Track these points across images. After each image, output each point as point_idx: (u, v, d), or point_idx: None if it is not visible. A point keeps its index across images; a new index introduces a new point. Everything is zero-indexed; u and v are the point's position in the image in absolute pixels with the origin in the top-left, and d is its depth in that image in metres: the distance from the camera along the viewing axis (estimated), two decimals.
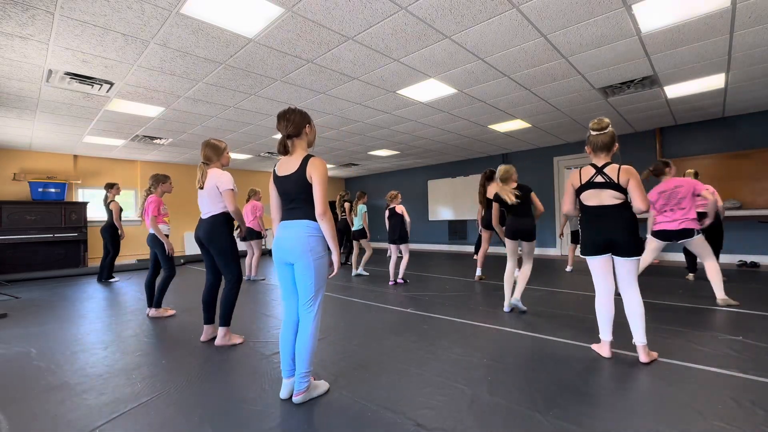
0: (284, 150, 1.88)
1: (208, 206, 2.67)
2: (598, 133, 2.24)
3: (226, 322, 2.65)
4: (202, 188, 2.64)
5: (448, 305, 3.70)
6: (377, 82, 4.12)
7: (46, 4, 2.52)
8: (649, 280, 4.64)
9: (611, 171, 2.22)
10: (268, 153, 7.94)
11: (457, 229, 9.78)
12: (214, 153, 2.71)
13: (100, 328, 3.22)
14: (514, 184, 3.37)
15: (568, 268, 5.74)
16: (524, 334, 2.76)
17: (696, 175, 4.38)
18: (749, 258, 5.91)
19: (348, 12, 2.73)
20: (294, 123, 1.83)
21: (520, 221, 3.31)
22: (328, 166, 9.87)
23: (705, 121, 6.26)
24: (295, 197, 1.82)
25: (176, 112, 4.95)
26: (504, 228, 3.46)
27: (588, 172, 2.30)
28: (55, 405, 1.85)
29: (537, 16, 2.87)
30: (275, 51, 3.31)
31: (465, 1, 2.64)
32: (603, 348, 2.31)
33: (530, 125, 6.18)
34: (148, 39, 3.03)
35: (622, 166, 2.21)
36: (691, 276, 4.72)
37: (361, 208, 5.80)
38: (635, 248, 2.18)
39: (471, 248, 9.28)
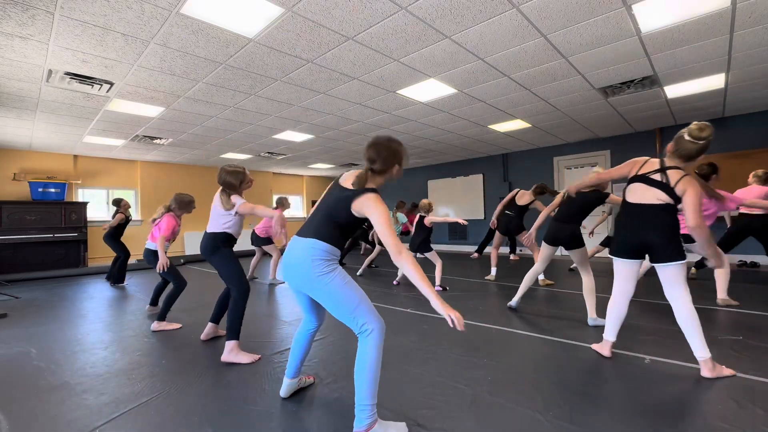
0: (359, 182, 1.56)
1: (212, 223, 2.57)
2: (690, 140, 1.97)
3: (232, 335, 2.42)
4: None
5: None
6: (377, 82, 4.12)
7: (46, 4, 2.52)
8: (652, 279, 4.64)
9: (673, 175, 2.00)
10: (268, 153, 7.94)
11: (457, 229, 9.78)
12: (235, 180, 2.52)
13: (100, 328, 3.22)
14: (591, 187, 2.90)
15: (574, 266, 5.73)
16: (524, 334, 2.76)
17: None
18: (749, 258, 5.91)
19: (348, 12, 2.73)
20: (383, 160, 1.58)
21: (561, 227, 3.03)
22: (328, 166, 9.86)
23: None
24: (323, 211, 1.63)
25: (176, 112, 4.95)
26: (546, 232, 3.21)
27: (651, 166, 2.11)
28: (55, 405, 1.85)
29: (537, 16, 2.87)
30: (275, 51, 3.31)
31: (465, 1, 2.64)
32: (604, 347, 2.30)
33: (530, 125, 6.18)
34: (148, 39, 3.03)
35: (686, 176, 1.98)
36: (693, 270, 4.74)
37: (400, 217, 5.87)
38: (672, 252, 2.00)
39: (471, 248, 9.27)
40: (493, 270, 5.17)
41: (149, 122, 5.38)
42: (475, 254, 7.13)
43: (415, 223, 4.86)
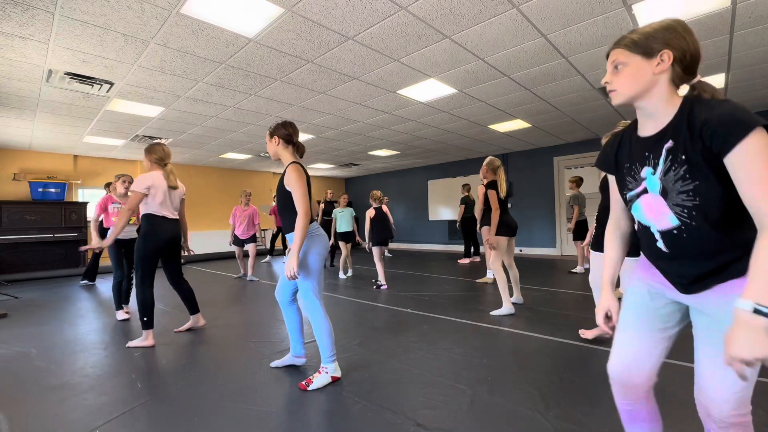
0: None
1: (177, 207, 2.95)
2: None
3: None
4: (176, 188, 2.88)
5: (448, 305, 3.70)
6: (377, 82, 4.12)
7: (46, 4, 2.52)
8: None
9: None
10: (268, 153, 7.93)
11: (457, 229, 9.78)
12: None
13: (100, 328, 3.22)
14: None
15: (580, 269, 5.62)
16: (524, 334, 2.76)
17: None
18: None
19: (348, 12, 2.73)
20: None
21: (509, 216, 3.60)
22: (329, 166, 9.86)
23: None
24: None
25: (176, 112, 4.95)
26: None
27: None
28: (55, 405, 1.85)
29: (537, 16, 2.87)
30: (275, 51, 3.31)
31: (465, 1, 2.64)
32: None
33: (530, 125, 6.18)
34: (148, 39, 3.03)
35: None
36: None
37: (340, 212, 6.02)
38: None
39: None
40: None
41: (149, 122, 5.38)
42: (466, 259, 7.36)
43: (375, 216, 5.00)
